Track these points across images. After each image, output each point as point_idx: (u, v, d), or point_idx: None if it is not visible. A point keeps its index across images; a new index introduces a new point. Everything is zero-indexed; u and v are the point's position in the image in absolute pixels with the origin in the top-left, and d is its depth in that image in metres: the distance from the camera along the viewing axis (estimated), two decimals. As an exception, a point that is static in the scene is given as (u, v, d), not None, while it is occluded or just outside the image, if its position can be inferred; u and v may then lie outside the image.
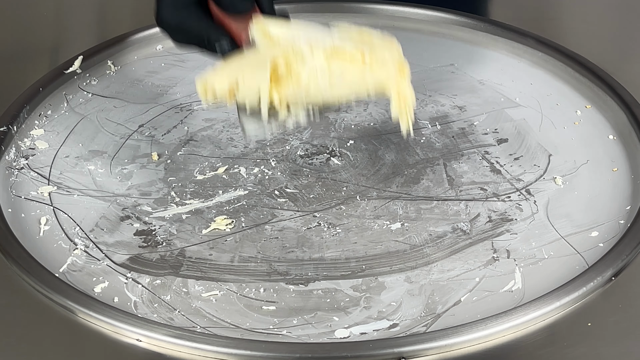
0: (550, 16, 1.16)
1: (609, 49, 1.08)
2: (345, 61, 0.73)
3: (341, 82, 0.72)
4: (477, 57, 1.05)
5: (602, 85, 0.96)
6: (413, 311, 0.73)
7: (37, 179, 0.86)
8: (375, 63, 0.73)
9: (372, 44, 0.74)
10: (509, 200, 0.85)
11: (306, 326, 0.72)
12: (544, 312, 0.72)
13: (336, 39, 0.73)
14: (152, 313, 0.73)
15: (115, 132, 0.93)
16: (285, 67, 0.72)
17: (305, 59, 0.72)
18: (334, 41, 0.73)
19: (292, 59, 0.72)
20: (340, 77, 0.72)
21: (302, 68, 0.72)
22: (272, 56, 0.73)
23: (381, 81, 0.73)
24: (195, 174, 0.88)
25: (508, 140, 0.92)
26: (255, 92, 0.72)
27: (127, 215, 0.83)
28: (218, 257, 0.79)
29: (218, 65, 0.75)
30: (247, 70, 0.72)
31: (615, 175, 0.87)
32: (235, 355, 0.69)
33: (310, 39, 0.73)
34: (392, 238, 0.81)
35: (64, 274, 0.76)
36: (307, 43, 0.72)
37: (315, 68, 0.71)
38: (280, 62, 0.72)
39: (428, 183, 0.87)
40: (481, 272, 0.77)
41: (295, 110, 0.74)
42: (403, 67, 0.74)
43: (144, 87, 1.00)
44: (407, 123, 0.75)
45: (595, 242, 0.79)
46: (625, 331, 0.71)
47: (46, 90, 0.96)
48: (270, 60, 0.71)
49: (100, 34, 1.13)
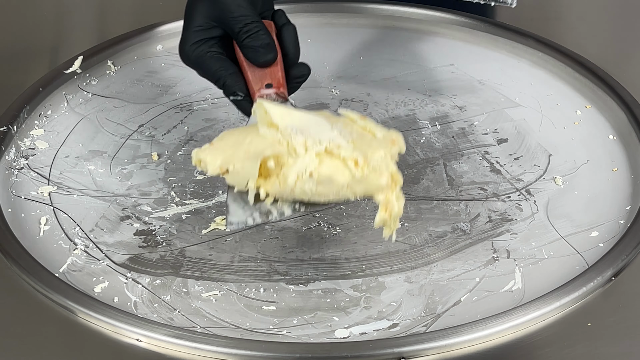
0: (550, 16, 1.16)
1: (609, 49, 1.08)
2: (338, 167, 0.73)
3: (329, 186, 0.73)
4: (477, 57, 1.05)
5: (602, 85, 0.96)
6: (413, 311, 0.73)
7: (37, 179, 0.86)
8: (368, 171, 0.73)
9: (372, 145, 0.73)
10: (509, 200, 0.85)
11: (306, 326, 0.72)
12: (544, 312, 0.72)
13: (337, 135, 0.73)
14: (152, 313, 0.73)
15: (115, 132, 0.93)
16: (275, 166, 0.73)
17: (297, 158, 0.72)
18: (333, 138, 0.73)
19: (283, 157, 0.73)
20: (328, 181, 0.72)
21: (292, 169, 0.72)
22: (264, 151, 0.73)
23: (370, 189, 0.73)
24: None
25: (508, 140, 0.92)
26: (243, 181, 0.73)
27: (127, 215, 0.83)
28: (218, 257, 0.79)
29: (215, 141, 0.75)
30: (239, 156, 0.73)
31: (615, 175, 0.87)
32: (235, 355, 0.69)
33: (308, 133, 0.73)
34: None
35: (64, 274, 0.76)
36: (303, 140, 0.73)
37: (305, 170, 0.72)
38: (270, 160, 0.73)
39: (428, 183, 0.87)
40: (481, 272, 0.77)
41: (280, 204, 0.75)
42: (396, 178, 0.73)
43: (144, 87, 1.00)
44: (391, 232, 0.75)
45: (595, 242, 0.79)
46: (625, 331, 0.71)
47: (46, 90, 0.96)
48: (261, 155, 0.72)
49: (100, 34, 1.13)
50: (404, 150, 0.75)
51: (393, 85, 1.01)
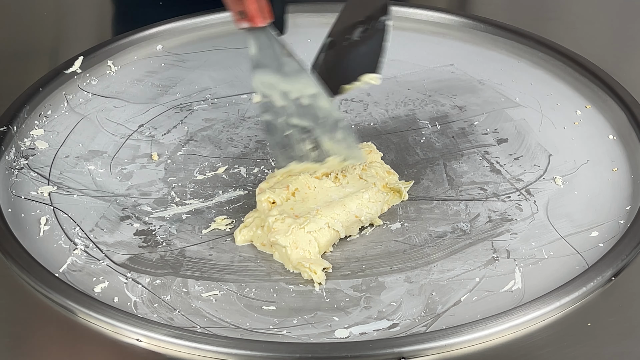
0: (550, 16, 1.16)
1: (609, 49, 1.08)
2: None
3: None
4: (477, 57, 1.05)
5: (602, 85, 0.96)
6: (413, 311, 0.73)
7: (37, 179, 0.86)
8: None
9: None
10: (509, 200, 0.85)
11: (306, 326, 0.72)
12: (544, 312, 0.72)
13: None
14: (152, 313, 0.73)
15: (115, 132, 0.93)
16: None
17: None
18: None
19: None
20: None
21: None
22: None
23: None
24: (195, 174, 0.88)
25: (508, 140, 0.92)
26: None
27: (127, 215, 0.83)
28: (218, 257, 0.79)
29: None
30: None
31: (615, 175, 0.87)
32: (235, 355, 0.69)
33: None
34: (392, 238, 0.81)
35: (64, 274, 0.76)
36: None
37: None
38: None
39: (428, 183, 0.87)
40: (481, 272, 0.77)
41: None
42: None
43: (144, 87, 1.00)
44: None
45: (595, 242, 0.79)
46: (625, 331, 0.71)
47: (46, 90, 0.96)
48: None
49: (100, 34, 1.13)
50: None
51: (393, 85, 1.01)
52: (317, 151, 0.81)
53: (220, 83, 1.01)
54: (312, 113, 0.80)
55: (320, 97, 0.79)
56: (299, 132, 0.80)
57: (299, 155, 0.81)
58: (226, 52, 1.06)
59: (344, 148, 0.81)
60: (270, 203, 0.80)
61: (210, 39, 1.07)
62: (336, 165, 0.81)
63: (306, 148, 0.81)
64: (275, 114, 0.80)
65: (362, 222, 0.80)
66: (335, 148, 0.81)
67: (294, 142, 0.81)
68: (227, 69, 1.03)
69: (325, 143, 0.81)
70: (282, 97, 0.80)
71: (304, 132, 0.80)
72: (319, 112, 0.80)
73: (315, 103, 0.79)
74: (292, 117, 0.80)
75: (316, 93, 0.79)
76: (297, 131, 0.80)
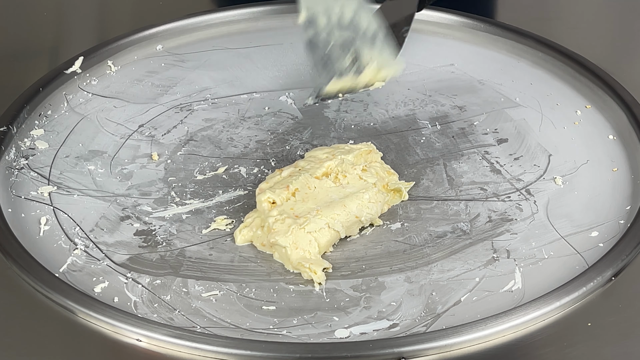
0: (550, 16, 1.16)
1: (609, 49, 1.08)
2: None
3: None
4: (477, 57, 1.05)
5: (602, 85, 0.96)
6: (413, 311, 0.73)
7: (37, 179, 0.86)
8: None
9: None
10: (509, 200, 0.85)
11: (306, 326, 0.72)
12: (544, 312, 0.72)
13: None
14: (152, 313, 0.73)
15: (115, 132, 0.93)
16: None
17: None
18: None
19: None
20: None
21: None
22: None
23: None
24: (195, 174, 0.88)
25: (508, 140, 0.92)
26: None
27: (127, 215, 0.83)
28: (218, 257, 0.79)
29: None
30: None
31: (615, 175, 0.87)
32: (235, 355, 0.69)
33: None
34: (392, 238, 0.81)
35: (64, 274, 0.76)
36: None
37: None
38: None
39: (428, 183, 0.87)
40: (481, 272, 0.77)
41: None
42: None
43: (144, 87, 1.00)
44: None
45: (595, 242, 0.79)
46: (625, 331, 0.71)
47: (46, 90, 0.96)
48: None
49: (100, 34, 1.13)
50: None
51: (393, 85, 1.00)
52: (357, 63, 0.83)
53: (220, 83, 1.01)
54: (354, 25, 0.83)
55: (362, 10, 0.83)
56: (339, 47, 0.83)
57: (339, 71, 0.84)
58: (226, 52, 1.06)
59: (382, 57, 0.84)
60: (270, 203, 0.80)
61: (210, 39, 1.07)
62: (372, 76, 0.84)
63: (346, 64, 0.83)
64: (318, 30, 0.83)
65: (362, 223, 0.80)
66: (374, 57, 0.84)
67: (334, 59, 0.83)
68: (227, 69, 1.03)
69: (364, 55, 0.84)
70: (325, 11, 0.83)
71: (344, 47, 0.83)
72: (361, 24, 0.83)
73: (357, 15, 0.83)
74: (333, 30, 0.83)
75: (358, 6, 0.83)
76: (338, 46, 0.83)
